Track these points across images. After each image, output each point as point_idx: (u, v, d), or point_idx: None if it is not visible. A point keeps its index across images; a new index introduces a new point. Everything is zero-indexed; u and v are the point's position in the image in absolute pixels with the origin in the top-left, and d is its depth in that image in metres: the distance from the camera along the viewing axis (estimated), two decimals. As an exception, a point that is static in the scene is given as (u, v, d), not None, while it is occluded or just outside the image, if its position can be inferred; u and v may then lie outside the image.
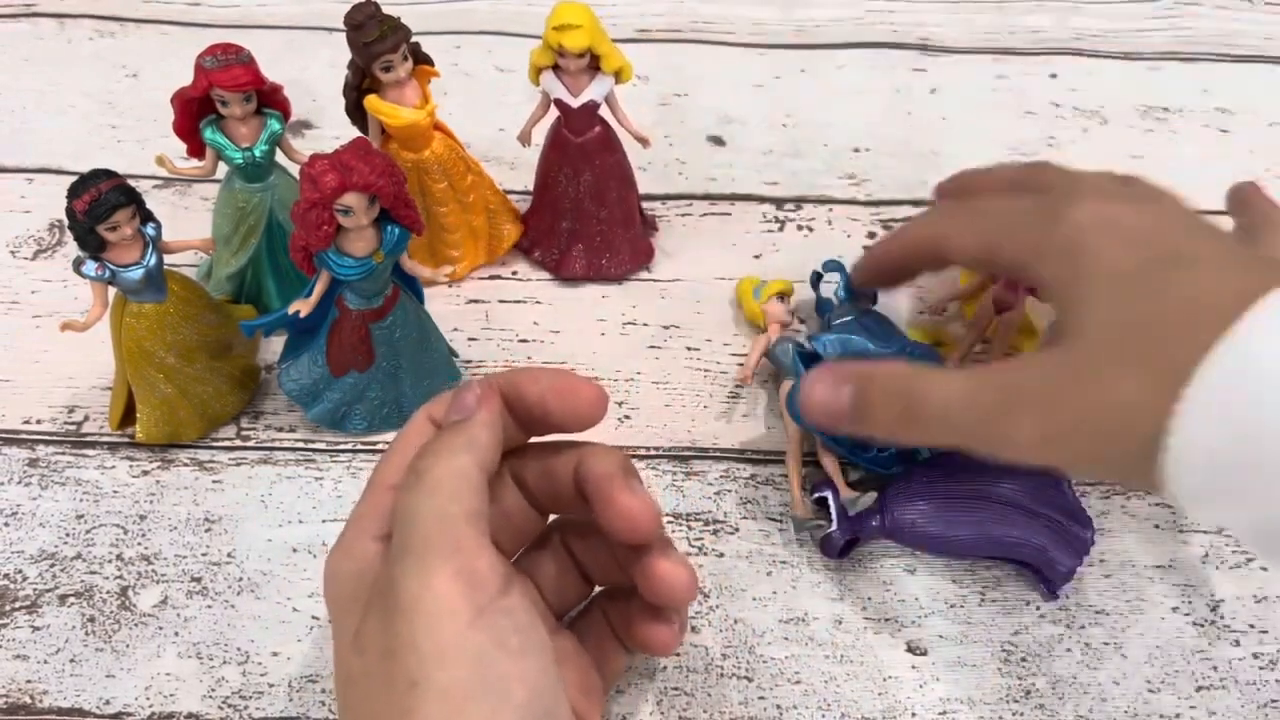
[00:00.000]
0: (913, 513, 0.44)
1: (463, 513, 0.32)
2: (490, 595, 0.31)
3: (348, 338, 0.47)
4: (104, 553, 0.46)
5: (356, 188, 0.41)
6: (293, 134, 0.56)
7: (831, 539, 0.45)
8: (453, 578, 0.31)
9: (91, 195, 0.42)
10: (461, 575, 0.31)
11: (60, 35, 0.68)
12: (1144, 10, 0.71)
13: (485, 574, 0.31)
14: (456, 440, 0.34)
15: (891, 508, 0.44)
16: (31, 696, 0.43)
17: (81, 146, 0.62)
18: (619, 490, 0.34)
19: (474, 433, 0.34)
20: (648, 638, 0.38)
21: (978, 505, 0.44)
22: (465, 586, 0.31)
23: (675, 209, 0.60)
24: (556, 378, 0.36)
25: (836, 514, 0.45)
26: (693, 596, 0.36)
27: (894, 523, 0.44)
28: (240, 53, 0.46)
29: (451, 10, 0.70)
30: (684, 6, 0.71)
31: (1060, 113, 0.65)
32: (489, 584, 0.31)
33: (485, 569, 0.31)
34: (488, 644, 0.30)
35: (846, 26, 0.70)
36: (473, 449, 0.34)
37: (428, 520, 0.32)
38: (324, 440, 0.50)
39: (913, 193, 0.60)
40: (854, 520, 0.45)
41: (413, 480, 0.33)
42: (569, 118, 0.51)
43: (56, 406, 0.51)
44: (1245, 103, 0.65)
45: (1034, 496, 0.44)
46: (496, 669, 0.30)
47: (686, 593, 0.36)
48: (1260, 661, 0.44)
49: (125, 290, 0.45)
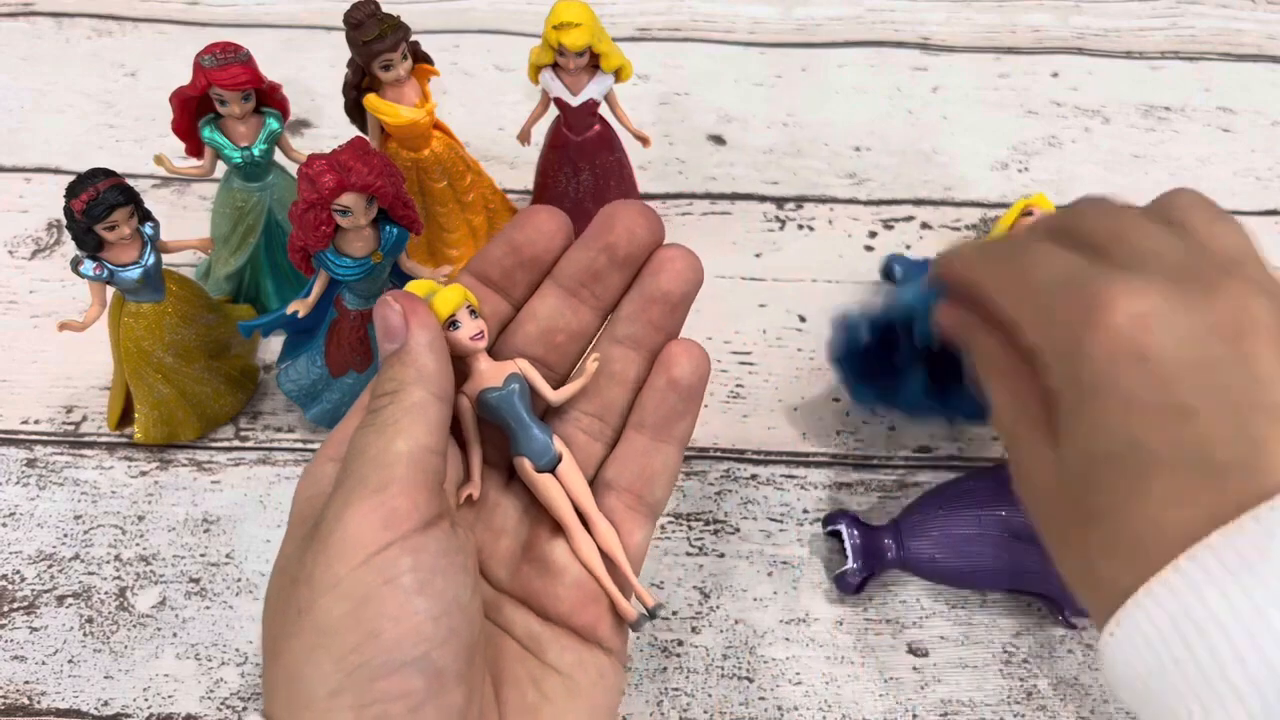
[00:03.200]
0: (928, 547, 0.43)
1: (407, 451, 0.31)
2: (402, 533, 0.30)
3: (346, 338, 0.47)
4: (102, 553, 0.46)
5: (355, 188, 0.41)
6: (291, 133, 0.56)
7: (846, 577, 0.44)
8: (366, 514, 0.30)
9: (89, 195, 0.41)
10: (377, 512, 0.30)
11: (58, 34, 0.68)
12: (1145, 9, 0.70)
13: (404, 512, 0.30)
14: (405, 374, 0.32)
15: (906, 541, 0.44)
16: (30, 697, 0.43)
17: (79, 146, 0.62)
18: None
19: (421, 362, 0.32)
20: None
21: (994, 538, 0.43)
22: (377, 524, 0.30)
23: (675, 208, 0.60)
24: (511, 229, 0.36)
25: (852, 550, 0.44)
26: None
27: (910, 558, 0.44)
28: (239, 51, 0.46)
29: (451, 9, 0.70)
30: (684, 5, 0.71)
31: (1062, 112, 0.64)
32: (405, 522, 0.30)
33: (406, 507, 0.30)
34: (376, 581, 0.29)
35: (847, 25, 0.69)
36: (424, 380, 0.32)
37: (365, 458, 0.31)
38: (323, 440, 0.50)
39: (914, 191, 0.60)
40: (870, 557, 0.44)
41: (368, 418, 0.32)
42: (569, 116, 0.51)
43: (54, 406, 0.51)
44: (1247, 102, 0.65)
45: None
46: (376, 607, 0.29)
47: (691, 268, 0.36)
48: (1262, 662, 0.44)
49: (123, 290, 0.45)
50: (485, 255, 0.36)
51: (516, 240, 0.36)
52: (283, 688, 0.29)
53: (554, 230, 0.36)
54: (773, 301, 0.55)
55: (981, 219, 0.59)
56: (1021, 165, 0.61)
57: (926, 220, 0.59)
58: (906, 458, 0.50)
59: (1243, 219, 0.33)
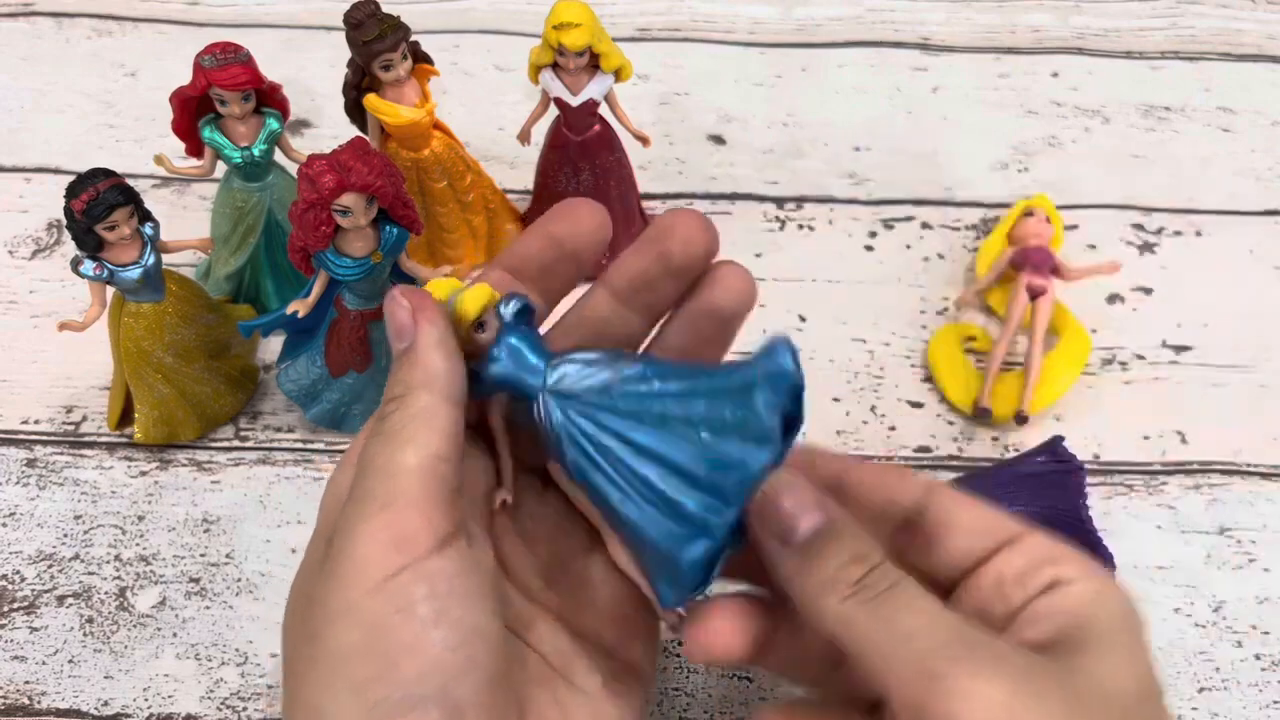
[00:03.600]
0: None
1: (416, 463, 0.29)
2: (415, 556, 0.29)
3: (346, 338, 0.47)
4: (102, 553, 0.46)
5: (355, 188, 0.41)
6: (291, 133, 0.56)
7: None
8: (375, 535, 0.29)
9: (89, 195, 0.41)
10: (387, 531, 0.29)
11: (58, 34, 0.68)
12: (1146, 9, 0.70)
13: (415, 531, 0.29)
14: (413, 376, 0.31)
15: None
16: (30, 698, 0.43)
17: (79, 146, 0.62)
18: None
19: (427, 362, 0.31)
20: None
21: None
22: (387, 546, 0.29)
23: (675, 208, 0.59)
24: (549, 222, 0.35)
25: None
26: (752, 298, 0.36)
27: None
28: (239, 51, 0.46)
29: (451, 9, 0.70)
30: (684, 5, 0.70)
31: (1062, 112, 0.64)
32: (417, 544, 0.29)
33: (417, 525, 0.29)
34: (389, 610, 0.28)
35: (847, 25, 0.69)
36: (431, 383, 0.30)
37: (373, 470, 0.30)
38: (323, 440, 0.50)
39: (914, 191, 0.60)
40: None
41: (376, 426, 0.31)
42: (569, 116, 0.51)
43: (54, 406, 0.51)
44: (1247, 102, 0.65)
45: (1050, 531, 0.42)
46: (392, 637, 0.28)
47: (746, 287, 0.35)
48: (1262, 663, 0.44)
49: (123, 290, 0.45)
50: (520, 250, 0.35)
51: (557, 233, 0.35)
52: (301, 711, 0.29)
53: (596, 224, 0.35)
54: (773, 301, 0.55)
55: (981, 219, 0.59)
56: (1021, 165, 0.61)
57: (926, 220, 0.59)
58: (906, 458, 0.50)
59: (1243, 219, 0.33)
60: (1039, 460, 0.44)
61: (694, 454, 0.30)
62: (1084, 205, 0.59)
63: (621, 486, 0.31)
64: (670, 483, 0.30)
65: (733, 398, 0.30)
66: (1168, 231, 0.58)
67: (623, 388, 0.31)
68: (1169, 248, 0.58)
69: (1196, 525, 0.47)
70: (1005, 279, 0.54)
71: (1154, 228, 0.59)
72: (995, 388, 0.50)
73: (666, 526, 0.30)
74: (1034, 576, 0.31)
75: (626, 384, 0.31)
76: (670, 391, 0.31)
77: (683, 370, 0.32)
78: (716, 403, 0.30)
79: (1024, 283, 0.52)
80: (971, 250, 0.57)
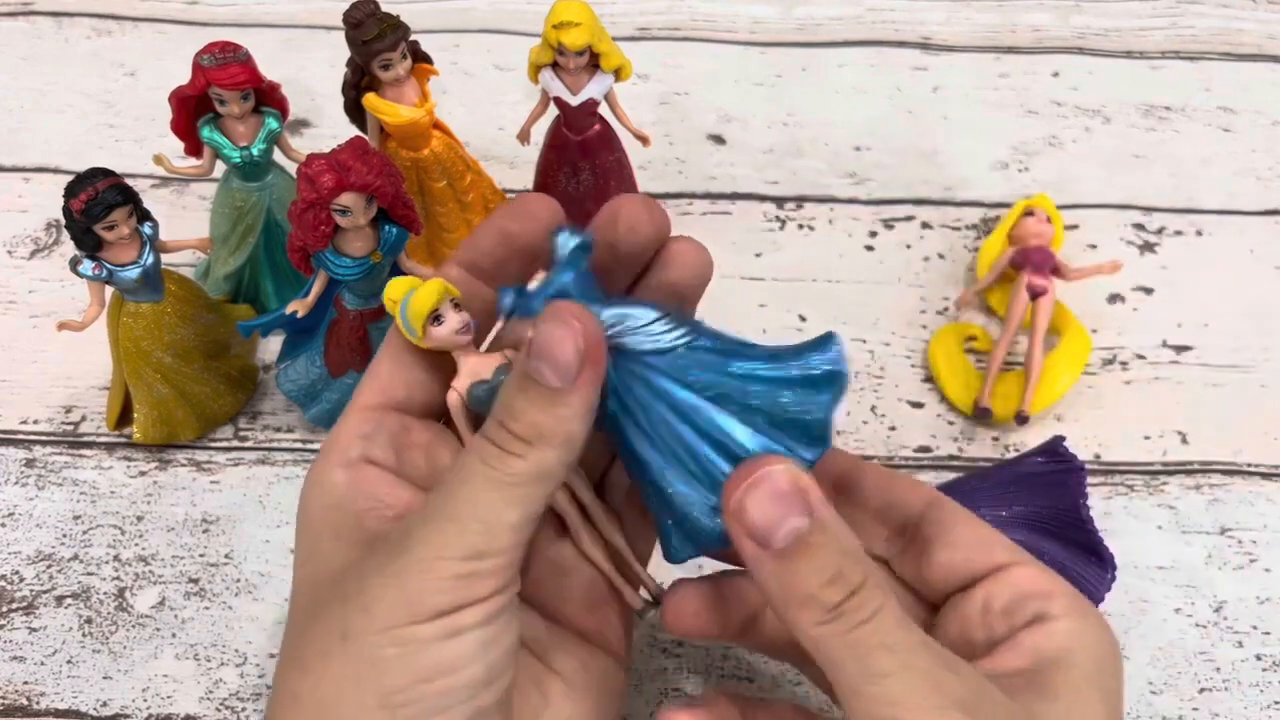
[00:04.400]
0: None
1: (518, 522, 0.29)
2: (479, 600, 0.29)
3: (346, 338, 0.47)
4: (101, 554, 0.46)
5: (354, 188, 0.41)
6: (291, 133, 0.56)
7: None
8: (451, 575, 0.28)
9: (88, 194, 0.41)
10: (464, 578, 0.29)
11: (58, 34, 0.68)
12: (1146, 8, 0.70)
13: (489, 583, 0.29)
14: (555, 430, 0.29)
15: None
16: (29, 698, 0.42)
17: (79, 145, 0.62)
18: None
19: (571, 426, 0.29)
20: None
21: None
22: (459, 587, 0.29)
23: (675, 208, 0.59)
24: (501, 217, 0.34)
25: None
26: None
27: None
28: (238, 51, 0.46)
29: (451, 9, 0.70)
30: (684, 5, 0.70)
31: (1062, 111, 0.64)
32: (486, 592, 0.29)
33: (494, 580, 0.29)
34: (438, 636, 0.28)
35: (847, 25, 0.69)
36: (568, 446, 0.29)
37: (473, 512, 0.29)
38: (322, 440, 0.50)
39: (914, 191, 0.60)
40: None
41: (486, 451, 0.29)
42: (568, 116, 0.51)
43: (53, 406, 0.51)
44: (1247, 102, 0.65)
45: (1050, 531, 0.42)
46: (434, 659, 0.28)
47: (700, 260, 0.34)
48: (1263, 663, 0.44)
49: (122, 290, 0.45)
50: (474, 245, 0.35)
51: (509, 229, 0.34)
52: (310, 704, 0.29)
53: (548, 217, 0.34)
54: (773, 301, 0.55)
55: (982, 219, 0.59)
56: (1022, 165, 0.61)
57: (927, 220, 0.59)
58: (906, 458, 0.50)
59: (1243, 219, 0.33)
60: (1039, 460, 0.44)
61: (747, 434, 0.30)
62: (1084, 205, 0.59)
63: (657, 443, 0.31)
64: (716, 454, 0.30)
65: (791, 388, 0.31)
66: (1168, 231, 0.58)
67: (674, 351, 0.31)
68: (1169, 248, 0.58)
69: (1197, 525, 0.47)
70: (1005, 279, 0.54)
71: (1154, 227, 0.58)
72: (996, 388, 0.50)
73: (699, 493, 0.31)
74: (1020, 609, 0.31)
75: (679, 347, 0.31)
76: (727, 368, 0.31)
77: (732, 344, 0.32)
78: (774, 388, 0.31)
79: (1024, 283, 0.52)
80: (972, 250, 0.57)
